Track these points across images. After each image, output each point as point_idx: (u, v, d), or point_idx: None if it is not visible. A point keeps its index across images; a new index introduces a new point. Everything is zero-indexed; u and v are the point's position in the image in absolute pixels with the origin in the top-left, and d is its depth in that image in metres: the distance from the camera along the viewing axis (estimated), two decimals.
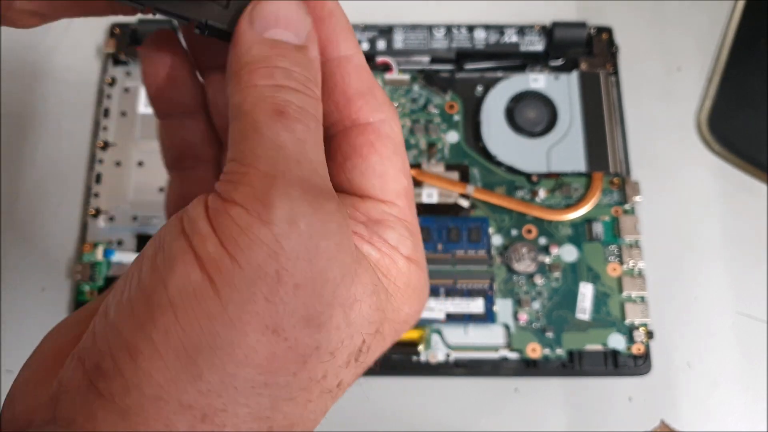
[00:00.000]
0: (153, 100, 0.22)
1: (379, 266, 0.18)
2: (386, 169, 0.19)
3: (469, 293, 0.40)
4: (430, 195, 0.42)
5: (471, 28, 0.45)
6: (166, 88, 0.21)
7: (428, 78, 0.44)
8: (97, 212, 0.41)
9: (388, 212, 0.19)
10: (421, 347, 0.39)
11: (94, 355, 0.15)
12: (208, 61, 0.22)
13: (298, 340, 0.15)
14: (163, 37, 0.21)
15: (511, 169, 0.43)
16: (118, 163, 0.42)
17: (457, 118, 0.44)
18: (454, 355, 0.39)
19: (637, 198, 0.42)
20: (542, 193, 0.42)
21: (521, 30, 0.45)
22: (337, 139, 0.19)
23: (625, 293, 0.40)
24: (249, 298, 0.15)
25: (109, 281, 0.40)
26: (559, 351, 0.39)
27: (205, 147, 0.23)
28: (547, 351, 0.39)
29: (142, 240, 0.41)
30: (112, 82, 0.45)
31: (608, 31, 0.46)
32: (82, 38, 0.47)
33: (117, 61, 0.45)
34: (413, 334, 0.39)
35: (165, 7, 0.18)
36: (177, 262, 0.15)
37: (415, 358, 0.39)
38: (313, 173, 0.16)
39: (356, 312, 0.17)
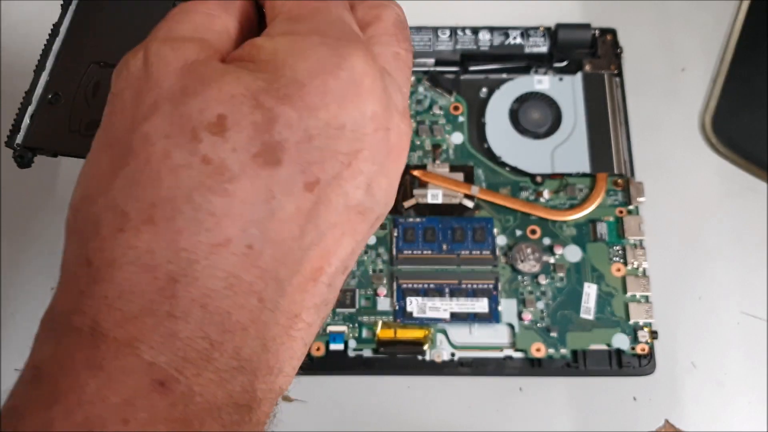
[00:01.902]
0: None
1: (240, 57, 0.19)
2: None
3: (474, 293, 0.40)
4: (435, 195, 0.42)
5: (475, 30, 0.45)
6: None
7: (433, 79, 0.45)
8: None
9: (270, 18, 0.20)
10: (426, 346, 0.39)
11: None
12: None
13: (127, 140, 0.18)
14: None
15: (515, 170, 0.43)
16: None
17: (461, 119, 0.44)
18: (459, 355, 0.39)
19: (641, 199, 0.42)
20: (546, 194, 0.42)
21: (525, 32, 0.45)
22: None
23: (629, 293, 0.40)
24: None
25: None
26: (564, 351, 0.39)
27: None
28: (551, 351, 0.39)
29: None
30: None
31: (612, 32, 0.46)
32: None
33: None
34: (418, 334, 0.39)
35: None
36: None
37: (420, 357, 0.39)
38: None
39: (181, 95, 0.18)
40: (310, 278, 0.19)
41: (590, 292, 0.40)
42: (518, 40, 0.45)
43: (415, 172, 0.43)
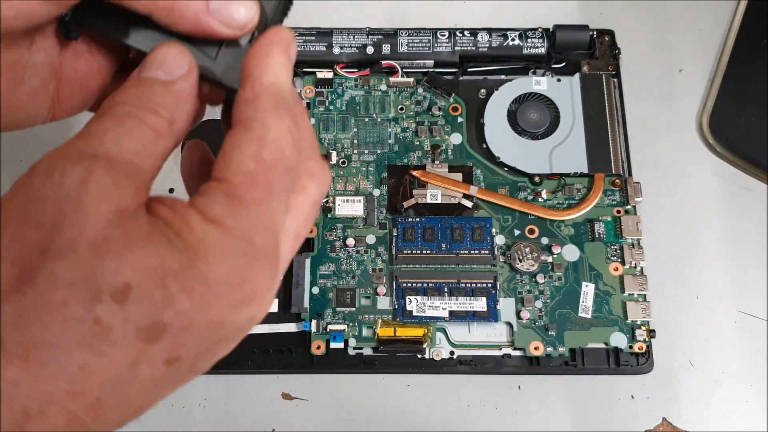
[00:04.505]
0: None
1: (170, 224, 0.19)
2: (231, 155, 0.20)
3: (473, 292, 0.40)
4: (434, 195, 0.42)
5: (474, 32, 0.45)
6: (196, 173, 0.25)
7: (432, 81, 0.45)
8: None
9: (215, 187, 0.20)
10: (425, 345, 0.39)
11: None
12: None
13: (33, 266, 0.18)
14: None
15: (514, 170, 0.43)
16: None
17: (460, 120, 0.45)
18: (458, 353, 0.40)
19: (638, 198, 0.42)
20: (545, 194, 0.43)
21: (524, 33, 0.45)
22: None
23: (626, 292, 0.40)
24: None
25: None
26: (562, 349, 0.39)
27: None
28: (549, 349, 0.39)
29: None
30: None
31: (610, 33, 0.46)
32: None
33: None
34: (418, 332, 0.40)
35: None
36: None
37: (419, 355, 0.40)
38: (82, 140, 0.20)
39: (101, 249, 0.18)
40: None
41: (588, 291, 0.41)
42: (516, 42, 0.45)
43: (415, 172, 0.43)
